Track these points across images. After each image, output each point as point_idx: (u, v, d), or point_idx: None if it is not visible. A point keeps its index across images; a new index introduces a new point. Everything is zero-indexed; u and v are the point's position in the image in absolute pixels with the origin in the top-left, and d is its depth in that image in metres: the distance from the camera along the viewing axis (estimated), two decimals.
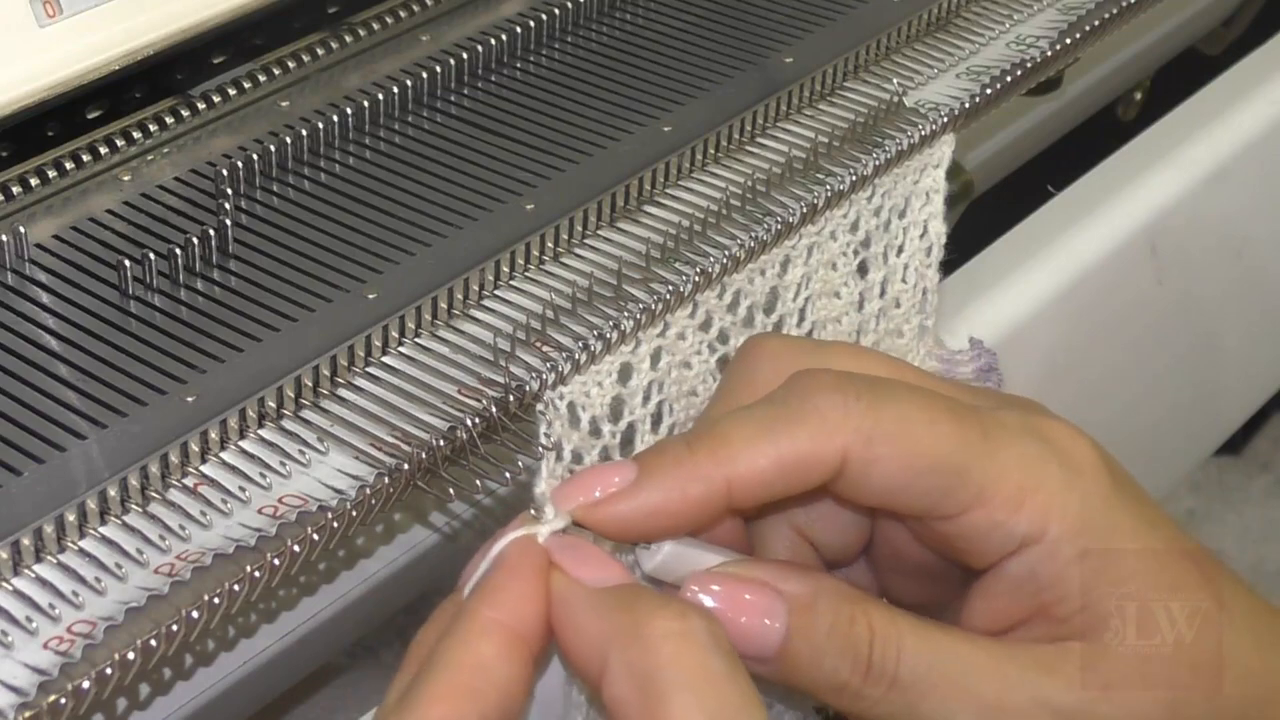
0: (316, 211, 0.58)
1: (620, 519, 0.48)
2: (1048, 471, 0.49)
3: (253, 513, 0.48)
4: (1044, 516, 0.48)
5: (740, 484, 0.48)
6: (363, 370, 0.52)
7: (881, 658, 0.48)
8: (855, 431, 0.48)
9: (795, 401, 0.49)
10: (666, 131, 0.62)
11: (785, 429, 0.48)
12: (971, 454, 0.48)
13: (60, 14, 0.58)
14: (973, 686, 0.48)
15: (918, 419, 0.48)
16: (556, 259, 0.57)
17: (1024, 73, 0.67)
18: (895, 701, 0.48)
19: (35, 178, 0.58)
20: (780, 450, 0.48)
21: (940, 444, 0.48)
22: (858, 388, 0.49)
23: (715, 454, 0.48)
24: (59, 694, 0.43)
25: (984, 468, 0.48)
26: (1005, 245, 0.84)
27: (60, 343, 0.52)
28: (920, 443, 0.48)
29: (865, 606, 0.49)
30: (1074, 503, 0.49)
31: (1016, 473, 0.48)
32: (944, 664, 0.48)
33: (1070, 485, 0.49)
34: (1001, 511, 0.48)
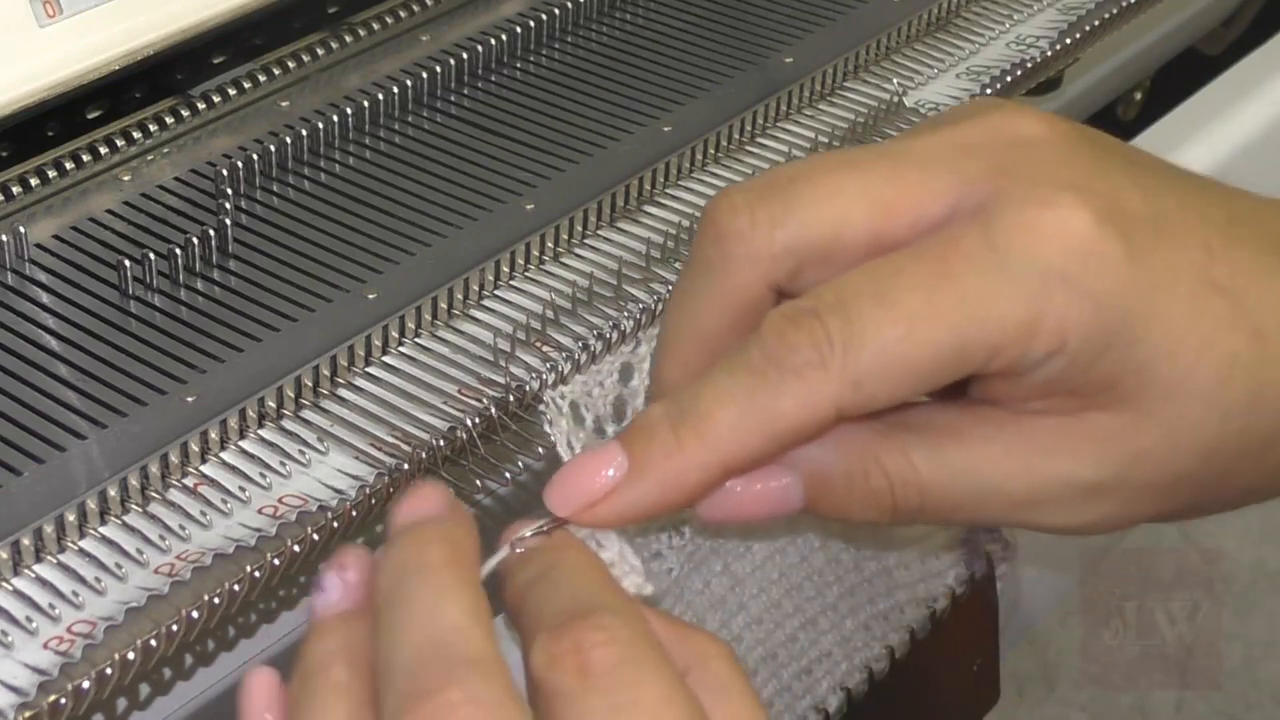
0: (316, 211, 0.58)
1: (625, 518, 0.48)
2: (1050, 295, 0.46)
3: (253, 513, 0.48)
4: (1059, 335, 0.46)
5: (738, 463, 0.47)
6: (363, 370, 0.52)
7: (904, 499, 0.47)
8: (840, 385, 0.46)
9: (772, 369, 0.46)
10: (666, 131, 0.62)
11: (769, 404, 0.46)
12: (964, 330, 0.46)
13: (60, 14, 0.58)
14: (1000, 490, 0.47)
15: (898, 334, 0.46)
16: (556, 259, 0.57)
17: (1024, 73, 0.67)
18: (930, 518, 0.48)
19: (35, 178, 0.58)
20: (770, 428, 0.46)
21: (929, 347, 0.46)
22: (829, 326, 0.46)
23: (704, 440, 0.47)
24: (59, 694, 0.43)
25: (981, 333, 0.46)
26: None
27: (60, 343, 0.52)
28: (910, 361, 0.46)
29: (875, 454, 0.47)
30: (1087, 309, 0.46)
31: (1014, 313, 0.46)
32: (967, 479, 0.47)
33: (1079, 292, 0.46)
34: (1014, 349, 0.46)
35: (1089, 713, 1.50)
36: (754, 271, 0.47)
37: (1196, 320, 0.47)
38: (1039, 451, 0.48)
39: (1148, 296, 0.47)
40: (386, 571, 0.44)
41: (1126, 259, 0.46)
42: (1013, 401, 0.48)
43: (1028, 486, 0.48)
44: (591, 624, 0.43)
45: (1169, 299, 0.47)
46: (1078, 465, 0.47)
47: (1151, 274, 0.46)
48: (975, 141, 0.47)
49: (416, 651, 0.42)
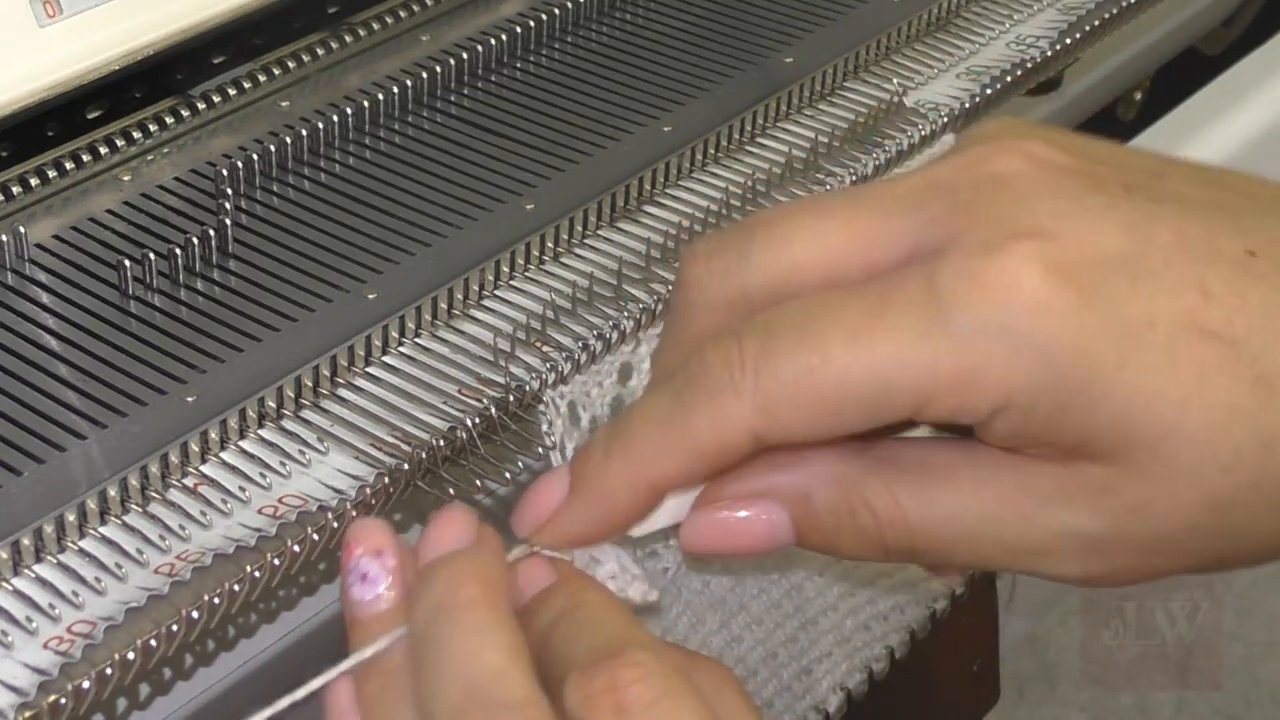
0: (316, 211, 0.58)
1: (568, 538, 0.48)
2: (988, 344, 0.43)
3: (253, 513, 0.48)
4: (1002, 391, 0.44)
5: (667, 484, 0.47)
6: (363, 370, 0.52)
7: (894, 539, 0.46)
8: (752, 410, 0.45)
9: (688, 390, 0.46)
10: (666, 131, 0.62)
11: (684, 424, 0.46)
12: (888, 368, 0.44)
13: (60, 14, 0.58)
14: (993, 534, 0.46)
15: (814, 352, 0.45)
16: (556, 259, 0.57)
17: (1024, 73, 0.67)
18: (926, 560, 0.47)
19: (35, 178, 0.58)
20: (686, 448, 0.46)
21: (845, 373, 0.44)
22: (745, 344, 0.45)
23: (628, 459, 0.47)
24: (59, 694, 0.43)
25: (910, 375, 0.44)
26: None
27: (60, 343, 0.52)
28: (822, 386, 0.45)
29: (860, 491, 0.46)
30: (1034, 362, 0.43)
31: (950, 359, 0.44)
32: (957, 524, 0.46)
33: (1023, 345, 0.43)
34: (951, 400, 0.44)
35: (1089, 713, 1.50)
36: (710, 318, 0.47)
37: (1176, 369, 0.44)
38: (1035, 499, 0.46)
39: (1115, 347, 0.44)
40: (421, 611, 0.44)
41: (1082, 309, 0.43)
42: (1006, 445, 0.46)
43: (1023, 535, 0.46)
44: (625, 661, 0.42)
45: (1141, 348, 0.44)
46: (1074, 516, 0.45)
47: (1119, 323, 0.44)
48: (946, 179, 0.46)
49: (457, 699, 0.42)
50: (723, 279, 0.46)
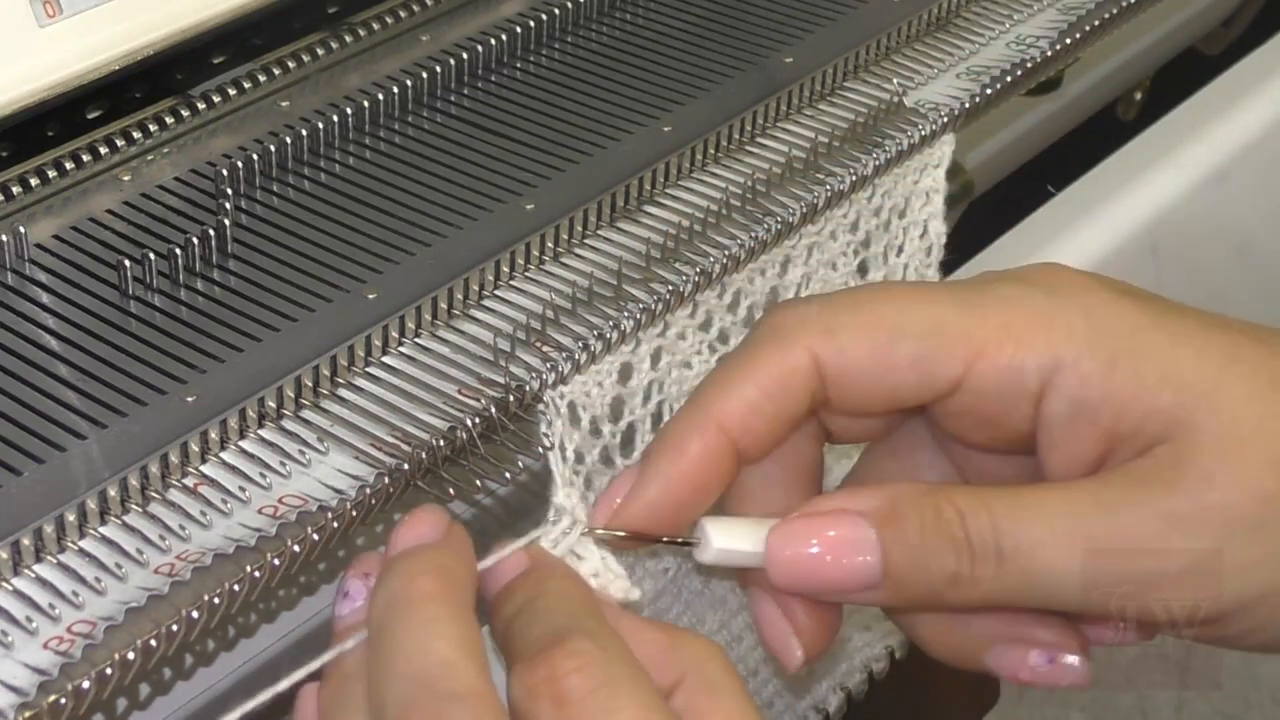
0: (316, 211, 0.58)
1: (646, 508, 0.48)
2: (1033, 302, 0.47)
3: (253, 513, 0.48)
4: (1048, 343, 0.46)
5: (733, 423, 0.48)
6: (363, 370, 0.52)
7: (979, 535, 0.46)
8: (814, 329, 0.47)
9: (755, 331, 0.49)
10: (666, 131, 0.62)
11: (751, 355, 0.48)
12: (943, 310, 0.47)
13: (60, 14, 0.58)
14: (1076, 528, 0.46)
15: (875, 300, 0.48)
16: (556, 259, 0.57)
17: (1024, 73, 0.67)
18: (1010, 573, 0.46)
19: (35, 178, 0.58)
20: (754, 376, 0.48)
21: (903, 311, 0.47)
22: (811, 298, 0.49)
23: (697, 404, 0.48)
24: (59, 694, 0.43)
25: (960, 318, 0.47)
26: (1005, 245, 0.84)
27: (60, 343, 0.52)
28: (881, 315, 0.47)
29: (947, 493, 0.47)
30: (1077, 319, 0.47)
31: (998, 312, 0.47)
32: (1041, 517, 0.46)
33: (1065, 305, 0.47)
34: (1001, 354, 0.46)
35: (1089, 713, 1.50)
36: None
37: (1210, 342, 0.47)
38: (1113, 487, 0.46)
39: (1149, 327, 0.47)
40: (378, 602, 0.44)
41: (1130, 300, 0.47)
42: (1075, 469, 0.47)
43: (1104, 524, 0.46)
44: (565, 650, 0.43)
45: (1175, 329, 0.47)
46: (1153, 498, 0.46)
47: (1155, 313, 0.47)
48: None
49: (405, 686, 0.42)
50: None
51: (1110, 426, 0.47)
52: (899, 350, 0.47)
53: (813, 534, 0.47)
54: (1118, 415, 0.46)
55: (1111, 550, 0.46)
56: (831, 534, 0.47)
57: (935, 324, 0.47)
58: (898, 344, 0.47)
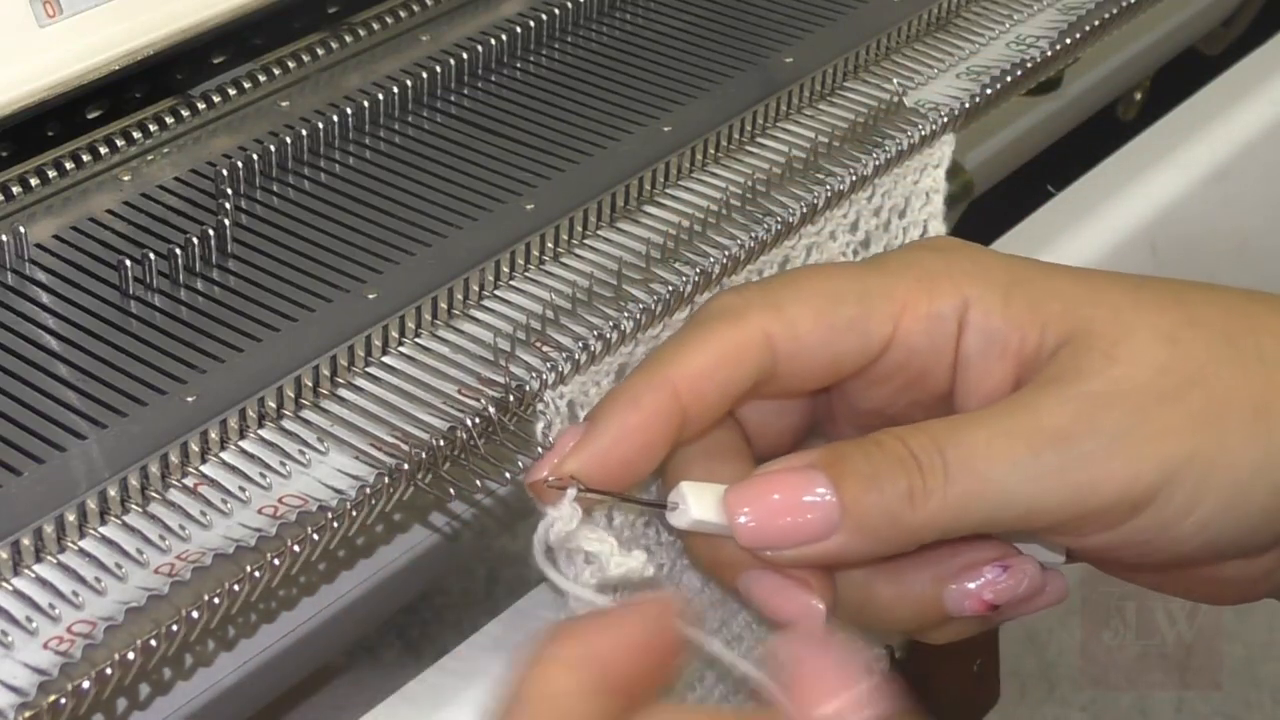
0: (316, 211, 0.58)
1: (592, 457, 0.49)
2: (933, 260, 0.53)
3: (253, 513, 0.48)
4: (955, 287, 0.52)
5: (684, 385, 0.50)
6: (363, 370, 0.52)
7: (922, 448, 0.49)
8: (763, 307, 0.51)
9: (705, 311, 0.52)
10: (666, 131, 0.62)
11: (706, 329, 0.51)
12: (866, 277, 0.52)
13: (60, 14, 0.58)
14: (1011, 428, 0.49)
15: (809, 276, 0.53)
16: (556, 259, 0.57)
17: (1024, 73, 0.67)
18: (960, 482, 0.49)
19: (35, 178, 0.58)
20: (709, 345, 0.51)
21: (836, 281, 0.52)
22: (746, 285, 0.54)
23: (653, 364, 0.51)
24: (59, 694, 0.43)
25: (882, 281, 0.52)
26: (1005, 245, 0.84)
27: (60, 343, 0.52)
28: (819, 287, 0.52)
29: (883, 430, 0.50)
30: (969, 264, 0.52)
31: (908, 270, 0.52)
32: (975, 426, 0.50)
33: (959, 257, 0.53)
34: (922, 303, 0.52)
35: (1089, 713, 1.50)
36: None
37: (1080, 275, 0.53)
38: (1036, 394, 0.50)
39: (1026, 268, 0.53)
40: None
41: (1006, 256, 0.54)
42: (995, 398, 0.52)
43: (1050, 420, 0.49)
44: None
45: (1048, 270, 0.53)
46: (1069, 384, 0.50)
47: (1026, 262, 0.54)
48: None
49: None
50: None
51: (1017, 350, 0.51)
52: (840, 315, 0.51)
53: (770, 487, 0.49)
54: (1022, 338, 0.51)
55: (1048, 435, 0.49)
56: (787, 482, 0.49)
57: (865, 288, 0.52)
58: (838, 309, 0.51)
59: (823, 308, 0.51)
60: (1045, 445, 0.49)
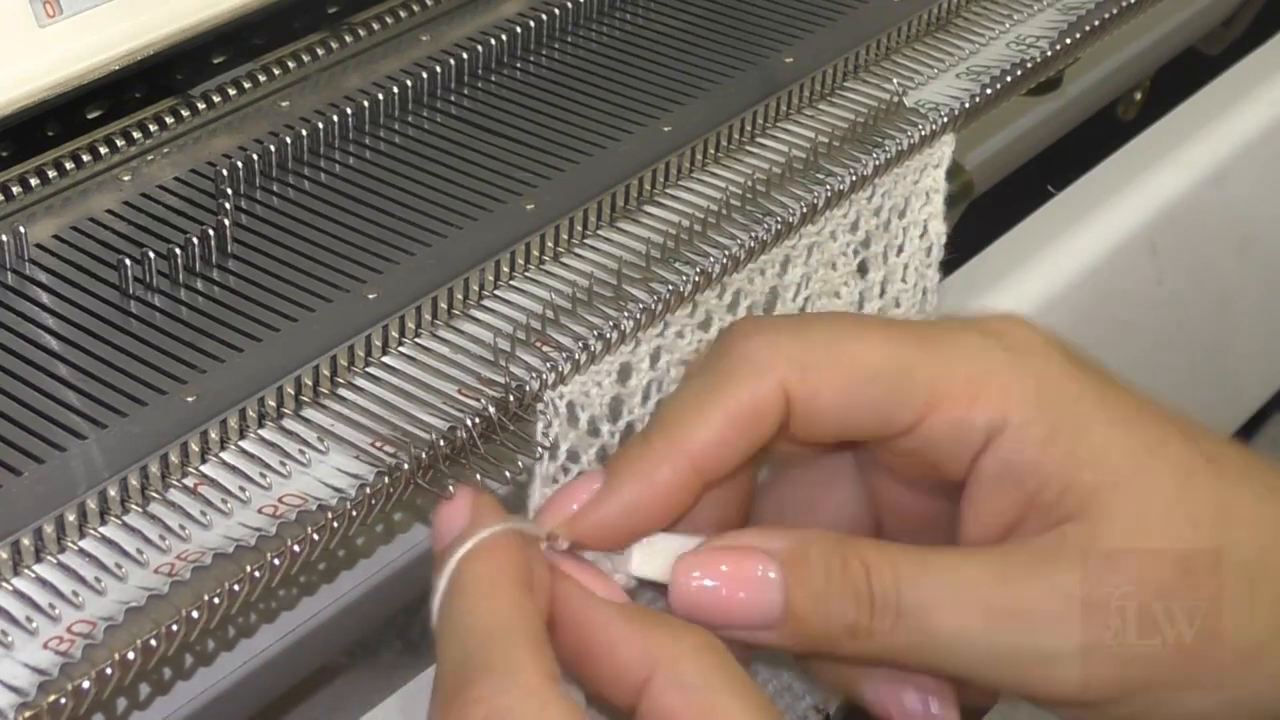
0: (316, 211, 0.58)
1: (601, 524, 0.49)
2: (995, 359, 0.48)
3: (253, 513, 0.48)
4: (1002, 403, 0.48)
5: (702, 457, 0.48)
6: (363, 370, 0.52)
7: (881, 589, 0.47)
8: (787, 364, 0.48)
9: (725, 358, 0.49)
10: (666, 131, 0.62)
11: (723, 387, 0.49)
12: (911, 357, 0.48)
13: (60, 14, 0.58)
14: (976, 594, 0.48)
15: (848, 336, 0.49)
16: (556, 259, 0.57)
17: (1024, 73, 0.67)
18: (907, 629, 0.47)
19: (35, 178, 0.58)
20: (726, 410, 0.48)
21: (876, 353, 0.48)
22: (782, 325, 0.50)
23: (669, 435, 0.49)
24: (59, 694, 0.43)
25: (928, 367, 0.48)
26: (1005, 245, 0.84)
27: (60, 343, 0.52)
28: (855, 357, 0.48)
29: (855, 546, 0.48)
30: (1030, 384, 0.48)
31: (963, 366, 0.48)
32: (944, 580, 0.48)
33: (1023, 367, 0.49)
34: (957, 407, 0.48)
35: None
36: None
37: (1142, 425, 0.49)
38: (1021, 561, 0.48)
39: (1093, 394, 0.49)
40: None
41: (1069, 362, 0.49)
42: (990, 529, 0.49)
43: (1004, 593, 0.48)
44: (467, 698, 0.43)
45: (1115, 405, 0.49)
46: (1055, 571, 0.48)
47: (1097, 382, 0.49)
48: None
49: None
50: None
51: (1032, 493, 0.48)
52: (866, 394, 0.48)
53: (720, 564, 0.48)
54: (1042, 484, 0.48)
55: (1010, 617, 0.47)
56: (738, 568, 0.48)
57: (904, 370, 0.48)
58: (866, 389, 0.48)
59: (850, 384, 0.48)
60: (1007, 625, 0.47)
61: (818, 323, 0.50)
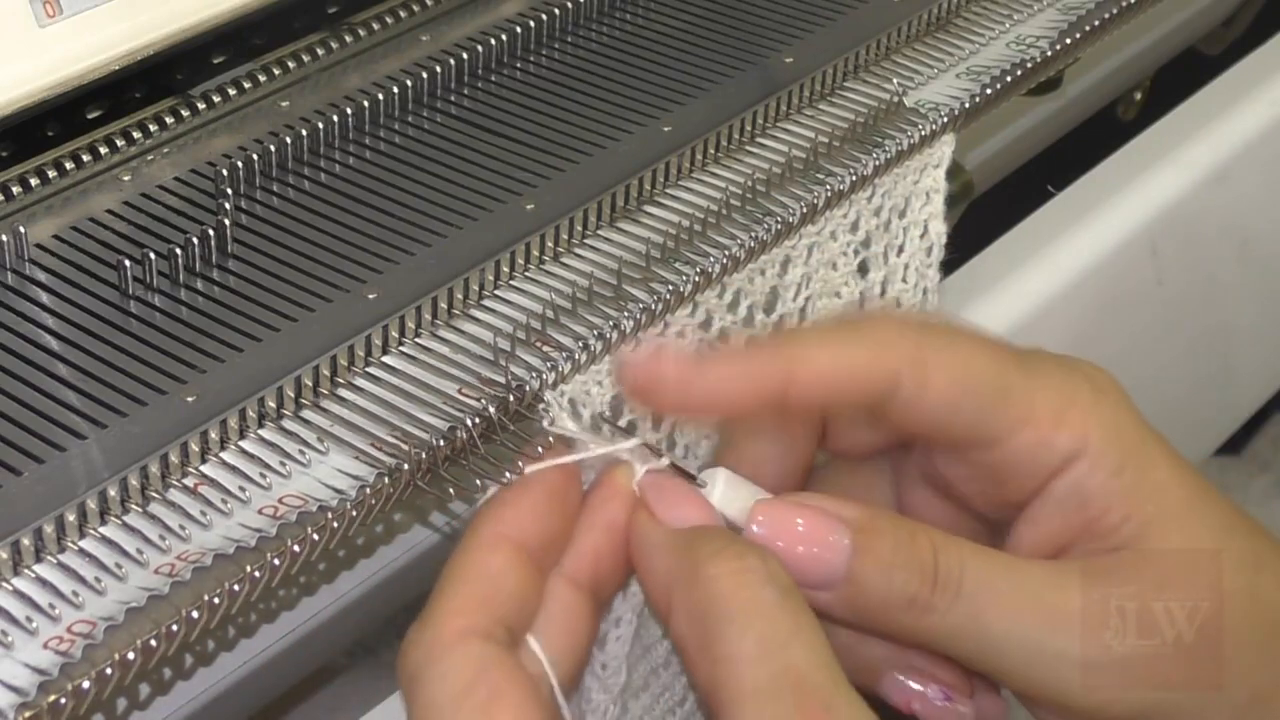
0: (316, 211, 0.58)
1: (680, 386, 0.49)
2: (1081, 390, 0.51)
3: (253, 513, 0.48)
4: (1083, 431, 0.50)
5: (799, 380, 0.50)
6: (363, 370, 0.52)
7: (946, 567, 0.49)
8: (909, 349, 0.50)
9: (857, 323, 0.52)
10: (666, 131, 0.62)
11: (846, 339, 0.50)
12: (1013, 376, 0.51)
13: (60, 14, 0.58)
14: (1035, 595, 0.49)
15: (965, 346, 0.51)
16: (556, 259, 0.57)
17: (1024, 73, 0.67)
18: (962, 612, 0.49)
19: (35, 178, 0.58)
20: (839, 357, 0.50)
21: (986, 367, 0.51)
22: (912, 320, 0.53)
23: (779, 348, 0.50)
24: (59, 694, 0.43)
25: (1025, 388, 0.50)
26: (1005, 245, 0.84)
27: (60, 343, 0.52)
28: (968, 365, 0.50)
29: (924, 526, 0.50)
30: (1108, 417, 0.51)
31: (1054, 392, 0.51)
32: (1006, 576, 0.49)
33: (1102, 403, 0.51)
34: (1045, 429, 0.50)
35: None
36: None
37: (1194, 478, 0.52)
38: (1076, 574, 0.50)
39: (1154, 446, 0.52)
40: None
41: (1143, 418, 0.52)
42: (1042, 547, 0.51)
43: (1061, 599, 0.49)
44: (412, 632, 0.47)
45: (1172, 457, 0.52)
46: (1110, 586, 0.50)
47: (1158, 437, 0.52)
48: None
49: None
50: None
51: (1092, 519, 0.50)
52: (969, 400, 0.50)
53: (796, 517, 0.49)
54: (1104, 511, 0.50)
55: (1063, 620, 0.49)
56: (813, 524, 0.49)
57: (1005, 385, 0.50)
58: (971, 396, 0.50)
59: (959, 384, 0.50)
60: (1053, 631, 0.49)
61: (944, 329, 0.52)
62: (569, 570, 0.49)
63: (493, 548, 0.48)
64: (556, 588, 0.49)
